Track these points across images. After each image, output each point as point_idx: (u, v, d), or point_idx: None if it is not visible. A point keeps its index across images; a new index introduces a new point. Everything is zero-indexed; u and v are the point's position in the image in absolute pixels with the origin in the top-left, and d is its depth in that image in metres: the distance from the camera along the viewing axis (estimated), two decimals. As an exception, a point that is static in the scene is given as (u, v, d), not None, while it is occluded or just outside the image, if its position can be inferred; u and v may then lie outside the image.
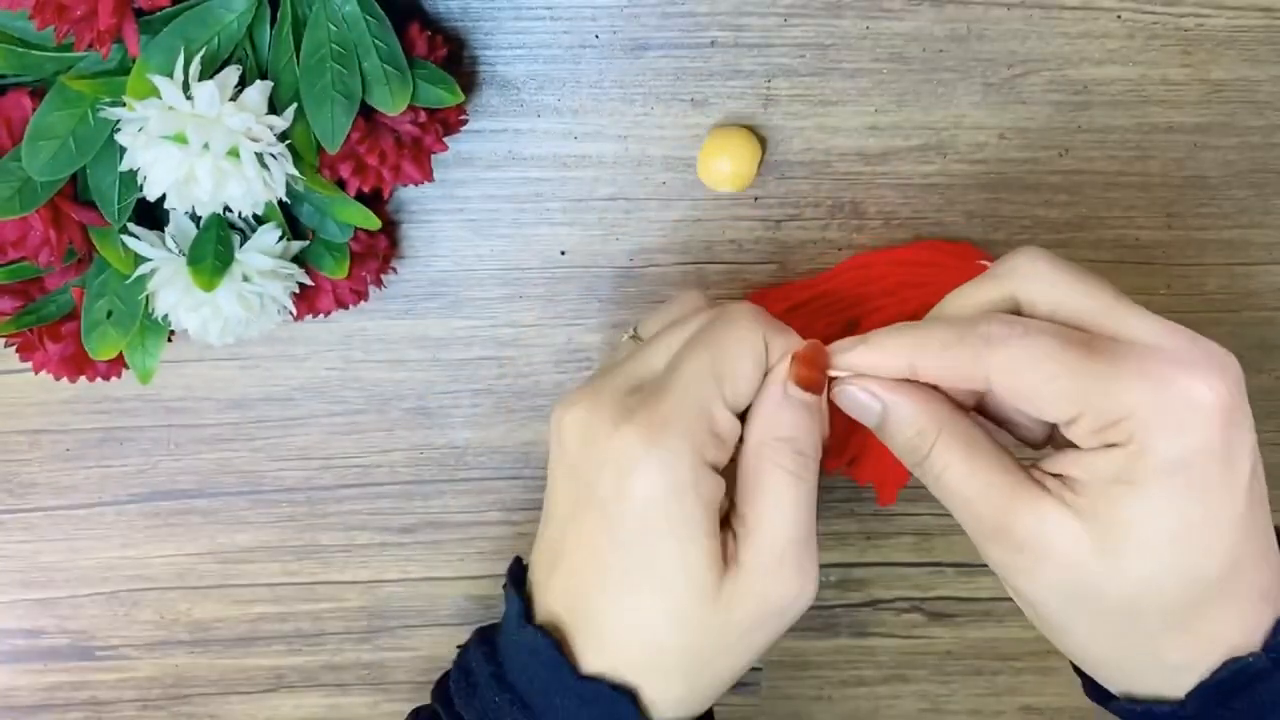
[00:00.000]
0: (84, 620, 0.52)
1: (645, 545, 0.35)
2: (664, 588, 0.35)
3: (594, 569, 0.36)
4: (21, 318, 0.41)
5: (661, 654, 0.36)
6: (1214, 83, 0.45)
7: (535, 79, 0.44)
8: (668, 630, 0.36)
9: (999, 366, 0.34)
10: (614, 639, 0.36)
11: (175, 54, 0.36)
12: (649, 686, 0.36)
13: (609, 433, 0.35)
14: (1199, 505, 0.33)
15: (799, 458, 0.36)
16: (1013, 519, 0.34)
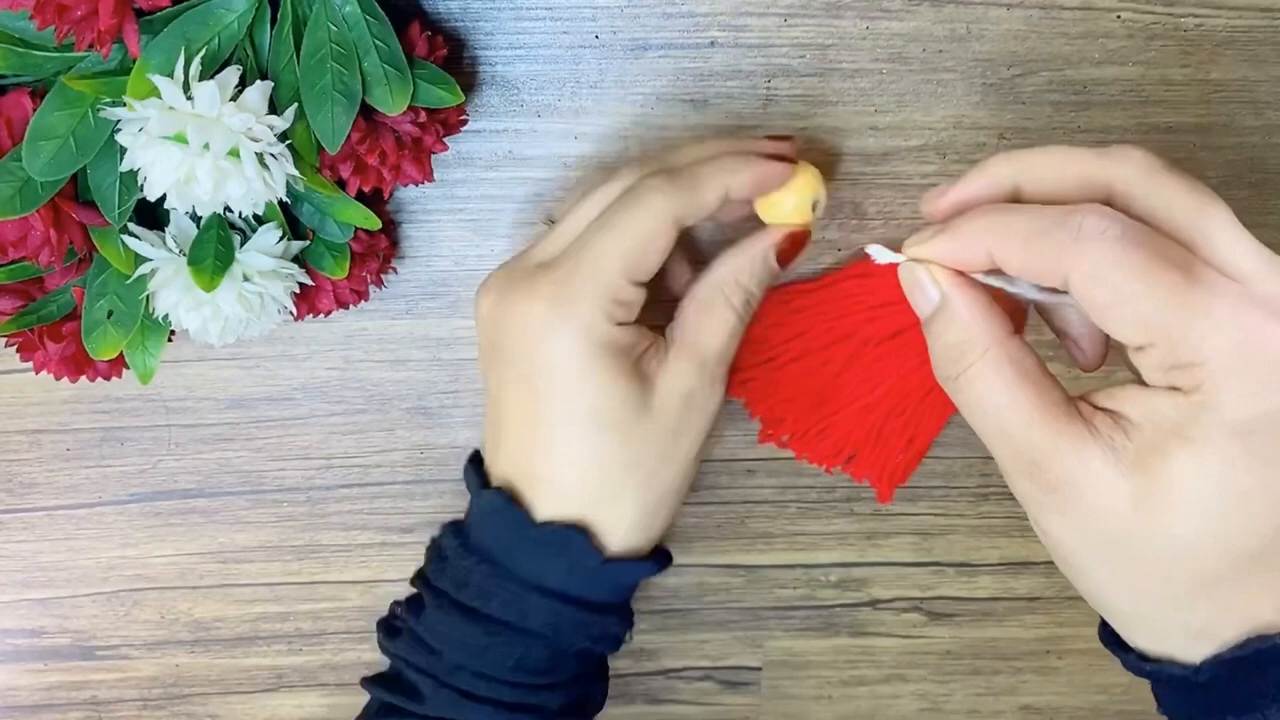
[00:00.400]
0: (84, 620, 0.52)
1: (570, 395, 0.39)
2: (597, 420, 0.39)
3: (529, 429, 0.40)
4: (22, 317, 0.41)
5: (608, 477, 0.40)
6: (1213, 83, 0.45)
7: (535, 79, 0.44)
8: (610, 452, 0.39)
9: (1082, 269, 0.31)
10: (561, 482, 0.40)
11: (176, 54, 0.36)
12: (602, 516, 0.40)
13: (521, 308, 0.39)
14: (1254, 475, 0.30)
15: (748, 304, 0.41)
16: (1051, 456, 0.32)
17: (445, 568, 0.42)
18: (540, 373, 0.39)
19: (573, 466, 0.40)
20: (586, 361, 0.38)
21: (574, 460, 0.40)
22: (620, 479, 0.40)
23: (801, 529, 0.52)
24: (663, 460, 0.40)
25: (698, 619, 0.53)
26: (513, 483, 0.41)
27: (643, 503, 0.41)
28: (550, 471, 0.40)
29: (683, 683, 0.54)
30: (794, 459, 0.50)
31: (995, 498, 0.51)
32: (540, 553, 0.40)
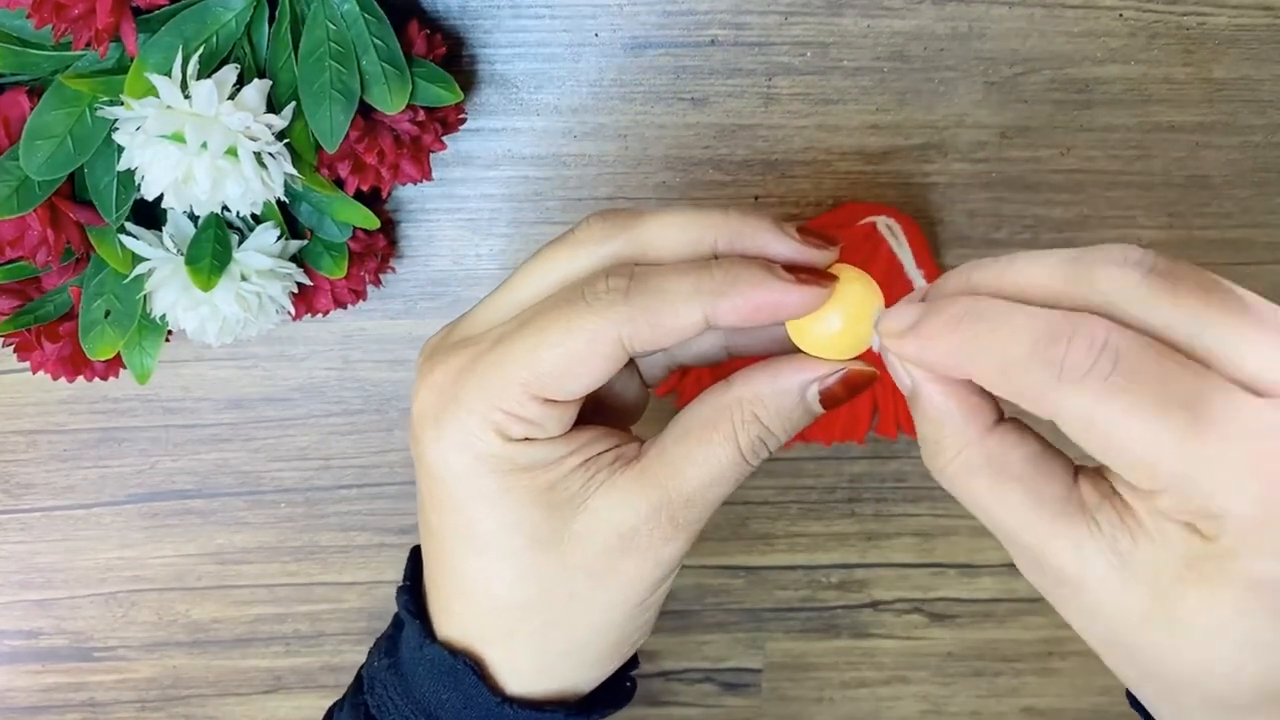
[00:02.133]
0: (82, 621, 0.52)
1: (462, 512, 0.32)
2: (482, 547, 0.32)
3: (430, 537, 0.34)
4: (19, 317, 0.41)
5: (500, 613, 0.33)
6: (1216, 82, 0.45)
7: (534, 77, 0.44)
8: (503, 585, 0.32)
9: (1070, 411, 0.27)
10: (456, 606, 0.34)
11: (173, 53, 0.36)
12: (494, 655, 0.34)
13: (418, 386, 0.32)
14: (1275, 627, 0.27)
15: (759, 445, 0.32)
16: (1050, 556, 0.29)
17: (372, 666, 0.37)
18: (427, 476, 0.32)
19: (457, 592, 0.33)
20: (468, 477, 0.31)
21: (458, 585, 0.33)
22: (507, 620, 0.33)
23: (802, 530, 0.52)
24: (570, 607, 0.33)
25: (698, 620, 0.53)
26: (427, 594, 0.35)
27: (538, 651, 0.33)
28: (447, 591, 0.34)
29: (683, 684, 0.54)
30: (793, 459, 0.50)
31: (996, 498, 0.51)
32: (436, 678, 0.34)
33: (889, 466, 0.51)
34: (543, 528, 0.32)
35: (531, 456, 0.31)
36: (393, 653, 0.36)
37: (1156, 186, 0.47)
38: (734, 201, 0.46)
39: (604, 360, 0.31)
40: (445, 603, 0.34)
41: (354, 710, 0.37)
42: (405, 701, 0.35)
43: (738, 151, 0.45)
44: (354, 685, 0.38)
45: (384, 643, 0.38)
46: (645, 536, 0.31)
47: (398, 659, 0.36)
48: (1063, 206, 0.47)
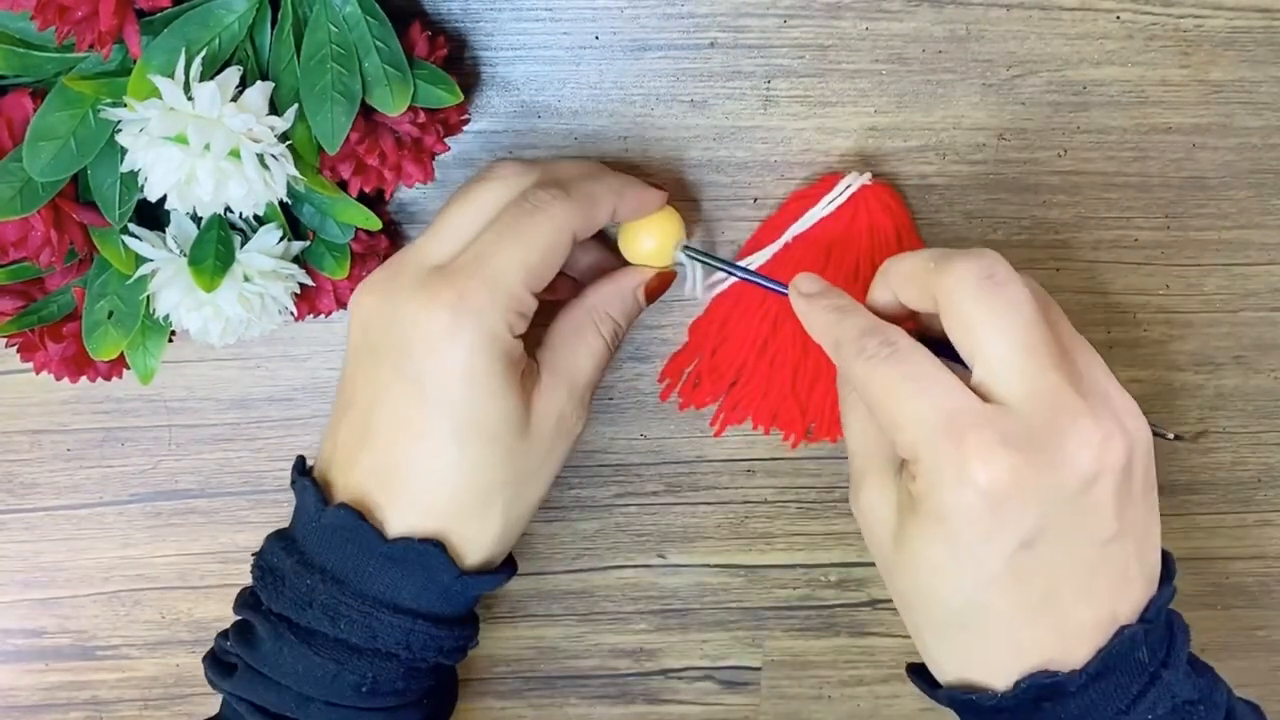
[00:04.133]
0: (85, 620, 0.52)
1: (462, 405, 0.38)
2: (483, 434, 0.38)
3: (410, 436, 0.38)
4: (23, 318, 0.41)
5: (480, 491, 0.39)
6: (1213, 83, 0.45)
7: (535, 80, 0.44)
8: (488, 467, 0.39)
9: (857, 380, 0.37)
10: (426, 495, 0.39)
11: (176, 55, 0.36)
12: (465, 530, 0.40)
13: (415, 312, 0.37)
14: (948, 554, 0.36)
15: (615, 335, 0.43)
16: (865, 482, 0.39)
17: (283, 589, 0.39)
18: (433, 379, 0.37)
19: (446, 478, 0.39)
20: (486, 373, 0.37)
21: (449, 472, 0.38)
22: (492, 494, 0.39)
23: (801, 529, 0.52)
24: (531, 478, 0.40)
25: (697, 619, 0.53)
26: (366, 494, 0.39)
27: (507, 519, 0.40)
28: (418, 483, 0.39)
29: (682, 683, 0.54)
30: (793, 459, 0.50)
31: (995, 498, 0.51)
32: (393, 569, 0.39)
33: (888, 466, 0.51)
34: (521, 418, 0.39)
35: (518, 353, 0.39)
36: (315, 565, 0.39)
37: (1153, 188, 0.47)
38: (734, 203, 0.46)
39: (565, 249, 0.39)
40: (411, 495, 0.39)
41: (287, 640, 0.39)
42: (359, 600, 0.39)
43: (737, 153, 0.45)
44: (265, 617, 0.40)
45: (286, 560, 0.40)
46: (569, 419, 0.41)
47: (329, 566, 0.39)
48: (1060, 208, 0.47)
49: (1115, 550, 0.36)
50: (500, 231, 0.38)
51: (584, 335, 0.42)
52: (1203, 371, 0.50)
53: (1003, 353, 0.35)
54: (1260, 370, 0.50)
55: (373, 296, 0.39)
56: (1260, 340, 0.50)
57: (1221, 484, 0.52)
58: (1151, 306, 0.49)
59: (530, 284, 0.38)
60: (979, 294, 0.36)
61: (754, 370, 0.47)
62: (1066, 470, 0.35)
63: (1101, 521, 0.35)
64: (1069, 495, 0.35)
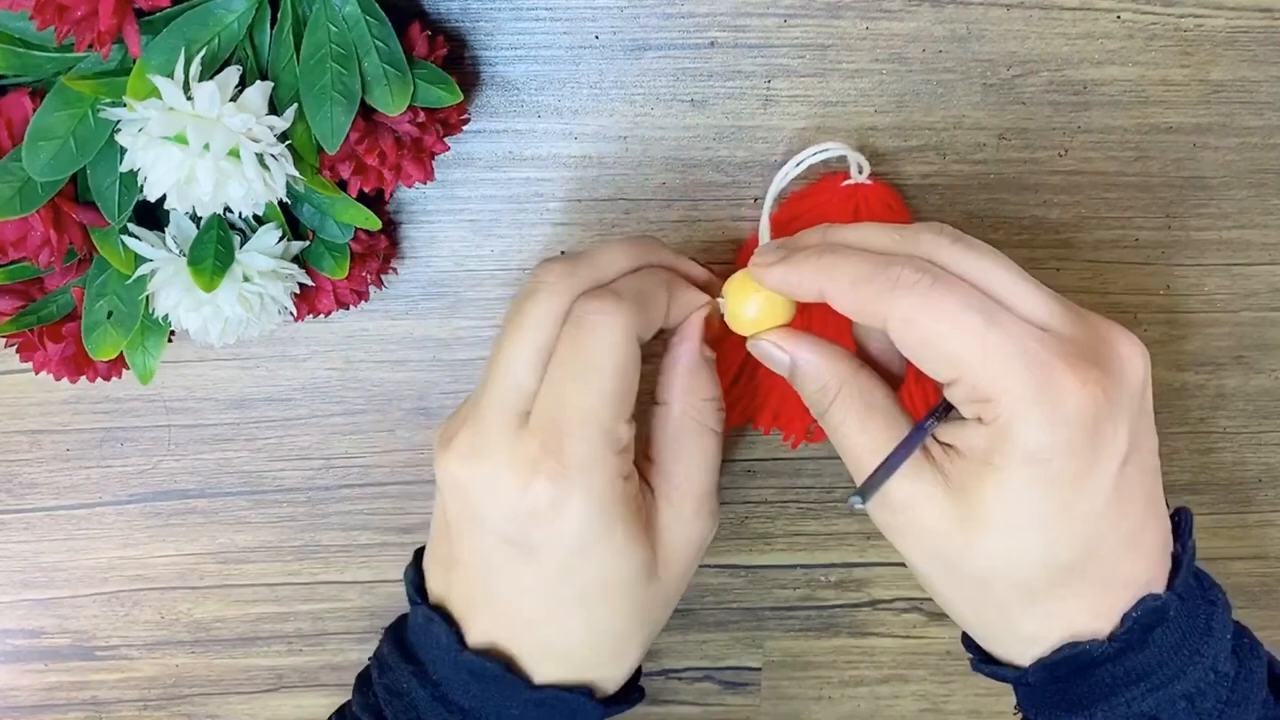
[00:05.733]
0: (84, 620, 0.52)
1: (581, 569, 0.36)
2: (618, 593, 0.37)
3: (535, 603, 0.37)
4: (22, 318, 0.41)
5: (616, 640, 0.38)
6: (1213, 83, 0.45)
7: (535, 79, 0.44)
8: (629, 620, 0.38)
9: (899, 314, 0.34)
10: (569, 650, 0.38)
11: (176, 54, 0.36)
12: (605, 674, 0.39)
13: (518, 486, 0.35)
14: (1054, 499, 0.33)
15: (719, 414, 0.39)
16: (891, 482, 0.36)
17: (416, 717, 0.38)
18: (549, 551, 0.36)
19: (581, 638, 0.38)
20: (605, 533, 0.35)
21: (582, 633, 0.37)
22: (630, 640, 0.38)
23: (801, 529, 0.52)
24: (668, 606, 0.39)
25: (698, 619, 0.53)
26: (497, 644, 0.38)
27: (643, 650, 0.40)
28: (552, 642, 0.38)
29: (683, 683, 0.54)
30: (793, 459, 0.50)
31: (995, 498, 0.51)
32: (537, 712, 0.38)
33: (888, 466, 0.51)
34: (648, 561, 0.37)
35: (632, 491, 0.37)
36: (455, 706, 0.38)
37: (1154, 187, 0.47)
38: (733, 203, 0.46)
39: (636, 360, 0.36)
40: (546, 648, 0.38)
41: None
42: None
43: (737, 153, 0.45)
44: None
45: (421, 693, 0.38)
46: (702, 536, 0.39)
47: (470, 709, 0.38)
48: (1061, 208, 0.47)
49: (1159, 459, 0.36)
50: (567, 365, 0.36)
51: (693, 440, 0.39)
52: (1203, 371, 0.50)
53: (1024, 287, 0.34)
54: (1261, 370, 0.50)
55: (463, 465, 0.36)
56: (1261, 340, 0.50)
57: (1222, 484, 0.52)
58: (1152, 306, 0.49)
59: (620, 414, 0.36)
60: (968, 244, 0.35)
61: (753, 371, 0.47)
62: (1131, 378, 0.34)
63: (1154, 428, 0.35)
64: (1138, 403, 0.34)
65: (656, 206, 0.46)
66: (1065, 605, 0.36)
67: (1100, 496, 0.34)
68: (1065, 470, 0.33)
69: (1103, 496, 0.34)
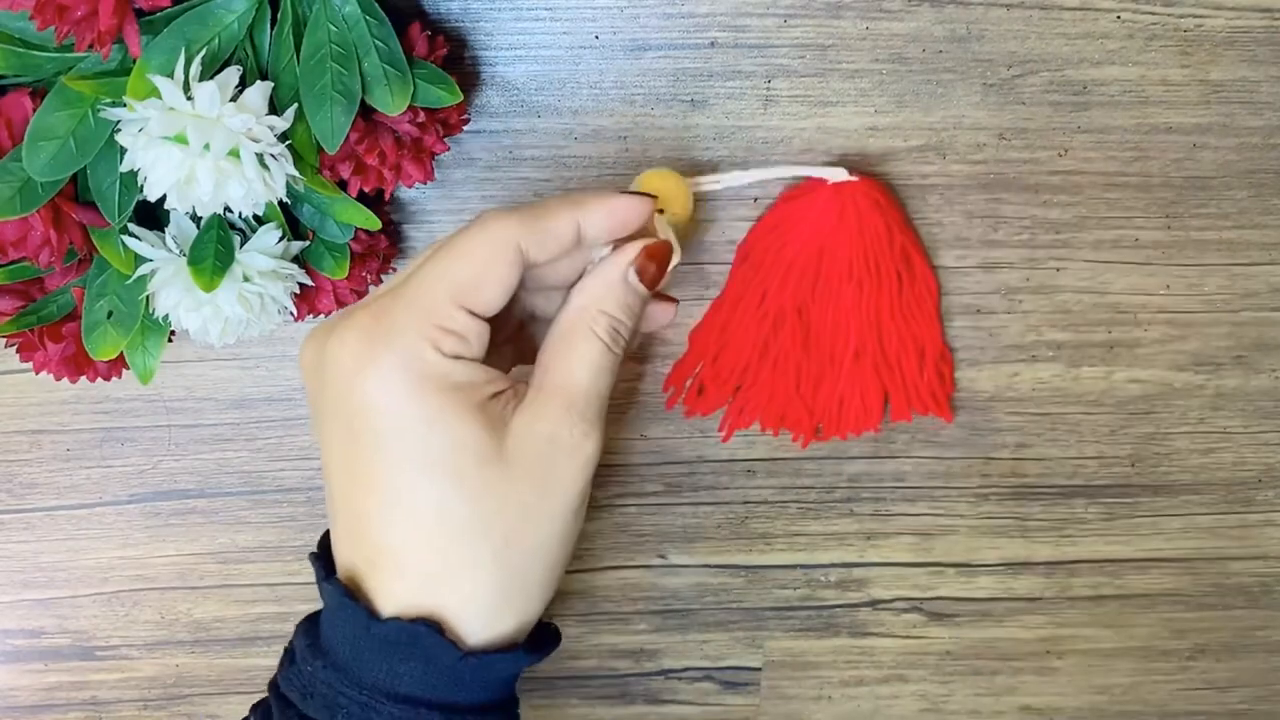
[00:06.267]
0: (84, 620, 0.52)
1: (396, 440, 0.34)
2: (431, 469, 0.34)
3: (359, 492, 0.35)
4: (22, 318, 0.41)
5: (453, 543, 0.34)
6: (1213, 83, 0.45)
7: (535, 79, 0.44)
8: (453, 509, 0.34)
9: None
10: (400, 557, 0.34)
11: (176, 54, 0.36)
12: (452, 597, 0.35)
13: (334, 348, 0.34)
14: None
15: (615, 333, 0.37)
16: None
17: (294, 672, 0.36)
18: (358, 417, 0.34)
19: (411, 532, 0.34)
20: (412, 398, 0.33)
21: (411, 523, 0.34)
22: (469, 545, 0.34)
23: (801, 529, 0.52)
24: (523, 519, 0.35)
25: (697, 619, 0.53)
26: (353, 567, 0.36)
27: (500, 575, 0.35)
28: (387, 542, 0.34)
29: (682, 683, 0.54)
30: (793, 459, 0.50)
31: (995, 498, 0.51)
32: (389, 653, 0.34)
33: (887, 466, 0.51)
34: (486, 444, 0.34)
35: (463, 374, 0.34)
36: (323, 648, 0.36)
37: (1154, 187, 0.47)
38: (734, 202, 0.46)
39: (508, 265, 0.35)
40: (387, 560, 0.35)
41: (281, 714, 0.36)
42: (358, 689, 0.34)
43: (737, 153, 0.45)
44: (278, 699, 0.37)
45: (300, 641, 0.37)
46: (565, 437, 0.35)
47: (333, 650, 0.35)
48: (1060, 208, 0.47)
49: None
50: (432, 253, 0.36)
51: (573, 340, 0.36)
52: (1203, 371, 0.50)
53: None
54: (1261, 370, 0.50)
55: (308, 347, 0.36)
56: (1261, 340, 0.50)
57: (1222, 484, 0.52)
58: (1152, 306, 0.49)
59: (459, 298, 0.34)
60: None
61: (757, 373, 0.47)
62: None
63: None
64: None
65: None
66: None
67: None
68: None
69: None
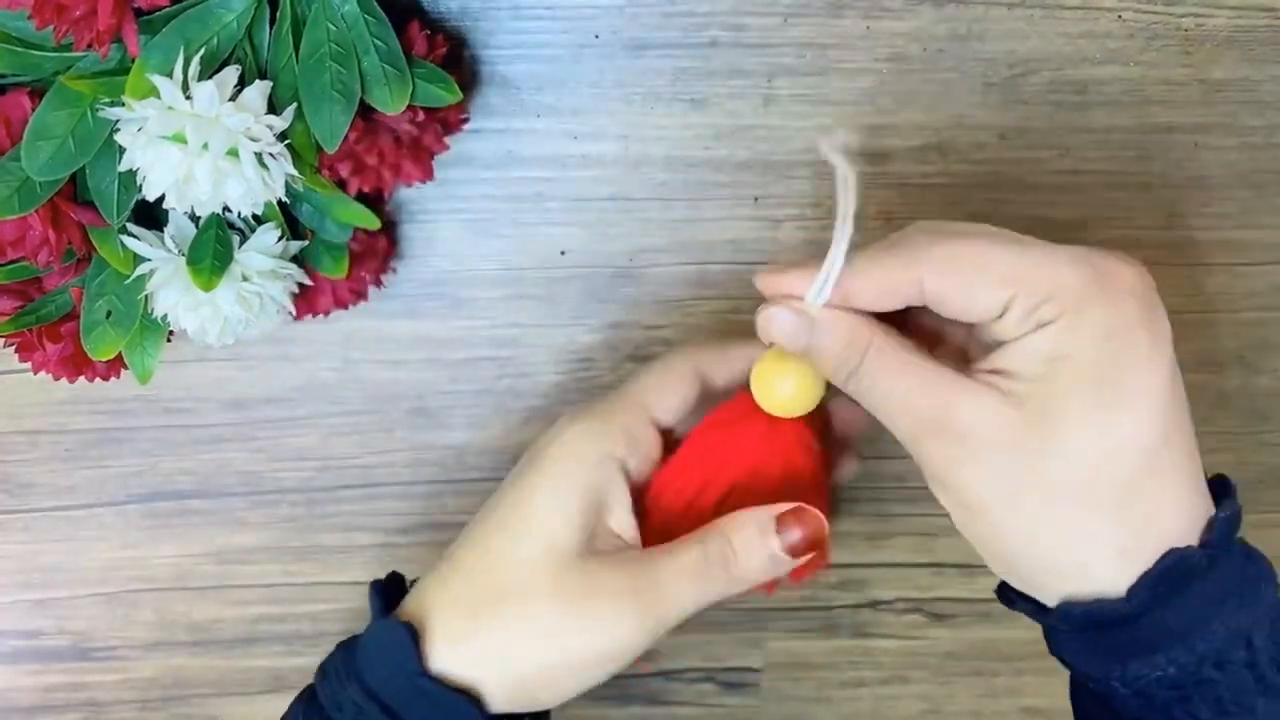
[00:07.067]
0: (83, 621, 0.52)
1: (522, 484, 0.39)
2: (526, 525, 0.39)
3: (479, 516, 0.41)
4: (20, 318, 0.41)
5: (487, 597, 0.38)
6: (1214, 83, 0.45)
7: (535, 78, 0.44)
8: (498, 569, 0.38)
9: (934, 263, 0.34)
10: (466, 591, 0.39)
11: (174, 54, 0.36)
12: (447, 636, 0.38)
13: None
14: (1130, 374, 0.33)
15: (724, 573, 0.38)
16: (952, 409, 0.34)
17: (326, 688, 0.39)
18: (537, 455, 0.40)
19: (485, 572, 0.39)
20: (559, 459, 0.39)
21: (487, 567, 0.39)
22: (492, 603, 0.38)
23: (802, 530, 0.52)
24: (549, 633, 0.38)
25: (698, 619, 0.52)
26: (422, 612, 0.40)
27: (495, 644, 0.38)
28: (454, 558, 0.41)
29: (683, 684, 0.54)
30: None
31: (996, 498, 0.51)
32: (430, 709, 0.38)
33: (888, 467, 0.51)
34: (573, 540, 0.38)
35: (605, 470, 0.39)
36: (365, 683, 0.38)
37: (1155, 187, 0.47)
38: (734, 202, 0.46)
39: (685, 382, 0.40)
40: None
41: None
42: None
43: (737, 152, 0.45)
44: None
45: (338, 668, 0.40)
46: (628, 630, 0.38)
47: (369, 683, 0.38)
48: (1062, 208, 0.47)
49: None
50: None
51: (689, 543, 0.39)
52: (1205, 371, 0.50)
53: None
54: (1262, 370, 0.50)
55: None
56: (1262, 340, 0.49)
57: (1223, 484, 0.52)
58: (1153, 306, 0.49)
59: (644, 401, 0.40)
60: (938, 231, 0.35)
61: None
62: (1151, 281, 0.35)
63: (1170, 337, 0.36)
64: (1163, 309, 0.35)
65: (656, 206, 0.46)
66: (1152, 507, 0.34)
67: (1166, 376, 0.34)
68: (1136, 344, 0.33)
69: (1168, 377, 0.34)
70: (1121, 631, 0.34)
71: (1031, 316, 0.34)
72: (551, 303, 0.47)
